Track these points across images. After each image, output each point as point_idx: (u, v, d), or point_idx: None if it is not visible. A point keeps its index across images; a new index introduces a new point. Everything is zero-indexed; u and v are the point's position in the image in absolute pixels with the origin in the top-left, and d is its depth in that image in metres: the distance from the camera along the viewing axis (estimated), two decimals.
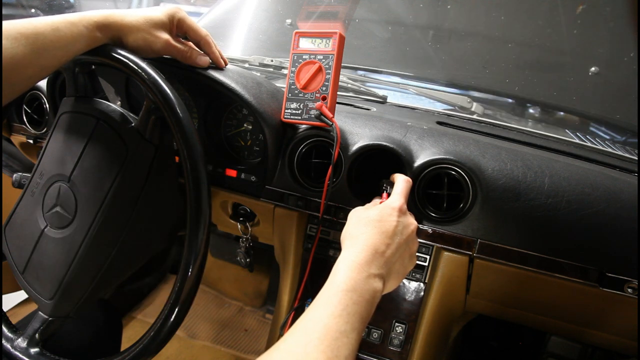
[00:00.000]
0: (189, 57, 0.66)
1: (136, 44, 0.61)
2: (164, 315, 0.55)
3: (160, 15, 0.62)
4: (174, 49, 0.64)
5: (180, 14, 0.65)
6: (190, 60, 0.66)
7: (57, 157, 0.63)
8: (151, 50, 0.62)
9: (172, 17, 0.63)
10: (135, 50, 0.61)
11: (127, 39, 0.60)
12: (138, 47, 0.61)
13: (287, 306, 0.80)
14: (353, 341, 0.42)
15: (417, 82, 1.17)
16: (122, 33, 0.59)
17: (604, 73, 1.04)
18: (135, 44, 0.60)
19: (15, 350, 0.61)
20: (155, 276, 1.69)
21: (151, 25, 0.61)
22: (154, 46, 0.62)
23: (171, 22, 0.64)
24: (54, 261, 0.61)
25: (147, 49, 0.62)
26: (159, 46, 0.62)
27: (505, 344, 1.30)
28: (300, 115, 0.69)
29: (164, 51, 0.63)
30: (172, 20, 0.64)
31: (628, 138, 1.05)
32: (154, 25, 0.61)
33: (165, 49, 0.63)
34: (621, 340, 0.72)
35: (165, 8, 0.64)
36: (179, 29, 0.66)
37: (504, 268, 0.65)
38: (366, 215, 0.55)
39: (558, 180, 0.64)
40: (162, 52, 0.63)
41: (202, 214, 0.55)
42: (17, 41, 0.50)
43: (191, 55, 0.66)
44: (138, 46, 0.61)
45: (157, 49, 0.62)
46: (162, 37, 0.62)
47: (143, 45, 0.61)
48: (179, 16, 0.64)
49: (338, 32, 0.66)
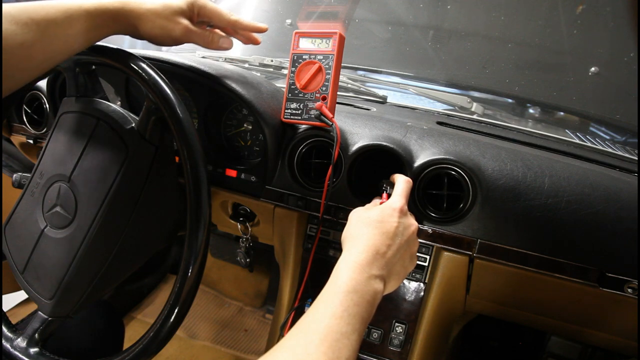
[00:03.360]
0: (211, 41, 0.63)
1: (153, 32, 0.58)
2: (164, 315, 0.55)
3: (179, 2, 0.60)
4: (194, 35, 0.62)
5: (200, 1, 0.62)
6: (213, 45, 0.64)
7: (57, 157, 0.63)
8: (169, 38, 0.60)
9: (192, 4, 0.61)
10: (153, 38, 0.59)
11: (144, 26, 0.58)
12: (155, 35, 0.59)
13: (287, 306, 0.80)
14: (354, 342, 0.42)
15: (417, 82, 1.17)
16: (139, 21, 0.57)
17: (604, 73, 1.04)
18: (152, 32, 0.58)
19: (15, 350, 0.61)
20: (155, 276, 1.69)
21: (170, 12, 0.59)
22: (173, 33, 0.59)
23: (191, 10, 0.61)
24: (54, 261, 0.61)
25: (166, 36, 0.59)
26: (178, 33, 0.60)
27: (505, 344, 1.30)
28: (300, 115, 0.68)
29: (183, 38, 0.61)
30: (192, 8, 0.61)
31: (628, 138, 1.05)
32: (173, 12, 0.59)
33: (185, 35, 0.61)
34: (621, 340, 0.72)
35: None
36: (200, 16, 0.63)
37: (504, 268, 0.65)
38: (367, 216, 0.55)
39: (558, 181, 0.64)
40: (182, 39, 0.61)
41: (202, 214, 0.55)
42: (27, 26, 0.48)
43: (213, 39, 0.63)
44: (155, 34, 0.59)
45: (176, 36, 0.60)
46: (182, 23, 0.60)
47: (160, 33, 0.59)
48: (200, 3, 0.62)
49: (338, 32, 0.66)
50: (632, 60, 1.01)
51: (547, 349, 1.06)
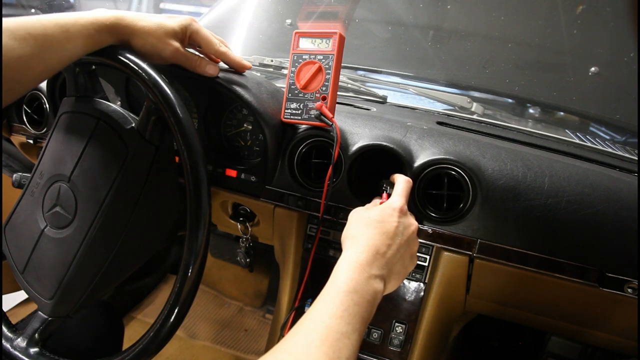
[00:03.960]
0: (198, 65, 0.65)
1: (144, 49, 0.60)
2: (164, 315, 0.55)
3: (173, 24, 0.61)
4: (182, 57, 0.63)
5: (194, 26, 0.64)
6: (199, 69, 0.65)
7: (57, 157, 0.63)
8: (159, 57, 0.61)
9: (185, 28, 0.63)
10: (143, 54, 0.60)
11: (136, 42, 0.59)
12: (145, 52, 0.60)
13: (287, 306, 0.80)
14: (354, 342, 0.43)
15: (417, 82, 1.17)
16: (132, 37, 0.59)
17: (604, 73, 1.04)
18: (143, 49, 0.60)
19: (15, 350, 0.61)
20: (155, 276, 1.69)
21: (163, 32, 0.60)
22: (163, 53, 0.61)
23: (183, 33, 0.63)
24: (54, 261, 0.61)
25: (155, 55, 0.61)
26: (168, 54, 0.61)
27: (505, 344, 1.30)
28: (300, 115, 0.68)
29: (172, 59, 0.63)
30: (185, 31, 0.63)
31: (628, 138, 1.05)
32: (166, 33, 0.60)
33: (174, 56, 0.62)
34: (621, 340, 0.72)
35: (180, 18, 0.63)
36: (191, 40, 0.65)
37: (504, 268, 0.66)
38: (367, 216, 0.55)
39: (558, 181, 0.64)
40: (171, 59, 0.63)
41: (202, 214, 0.55)
42: (25, 41, 0.50)
43: (200, 64, 0.65)
44: (146, 51, 0.60)
45: (166, 56, 0.61)
46: (172, 45, 0.61)
47: (151, 51, 0.60)
48: (193, 28, 0.63)
49: (338, 32, 0.66)
50: (632, 60, 1.01)
51: (547, 349, 1.06)
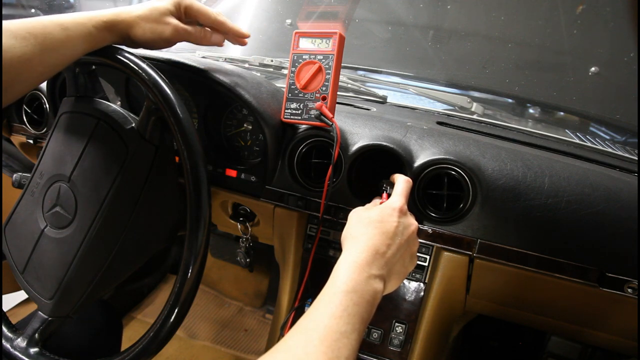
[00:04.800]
0: (203, 37, 0.65)
1: (145, 37, 0.60)
2: (164, 315, 0.55)
3: (165, 4, 0.61)
4: (184, 33, 0.63)
5: (186, 0, 0.63)
6: (205, 41, 0.65)
7: (57, 157, 0.63)
8: (161, 40, 0.61)
9: (178, 4, 0.63)
10: (146, 43, 0.60)
11: (135, 33, 0.59)
12: (147, 40, 0.60)
13: (287, 306, 0.80)
14: (354, 342, 0.42)
15: (417, 82, 1.17)
16: (130, 29, 0.59)
17: (604, 73, 1.04)
18: (144, 37, 0.60)
19: (15, 350, 0.61)
20: (155, 276, 1.69)
21: (158, 14, 0.60)
22: (164, 34, 0.61)
23: (178, 9, 0.63)
24: (54, 261, 0.61)
25: (158, 39, 0.61)
26: (169, 33, 0.61)
27: (505, 344, 1.30)
28: (300, 115, 0.68)
29: (175, 37, 0.62)
30: (179, 7, 0.63)
31: (628, 138, 1.05)
32: (161, 13, 0.60)
33: (176, 34, 0.62)
34: (621, 340, 0.72)
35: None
36: (187, 15, 0.64)
37: (504, 268, 0.65)
38: (367, 216, 0.55)
39: (558, 181, 0.64)
40: (174, 38, 0.62)
41: (202, 214, 0.55)
42: (26, 40, 0.50)
43: (205, 36, 0.65)
44: (147, 39, 0.60)
45: (168, 37, 0.61)
46: (171, 23, 0.61)
47: (152, 36, 0.60)
48: (186, 2, 0.63)
49: (338, 32, 0.66)
50: (632, 60, 1.01)
51: (547, 349, 1.06)
